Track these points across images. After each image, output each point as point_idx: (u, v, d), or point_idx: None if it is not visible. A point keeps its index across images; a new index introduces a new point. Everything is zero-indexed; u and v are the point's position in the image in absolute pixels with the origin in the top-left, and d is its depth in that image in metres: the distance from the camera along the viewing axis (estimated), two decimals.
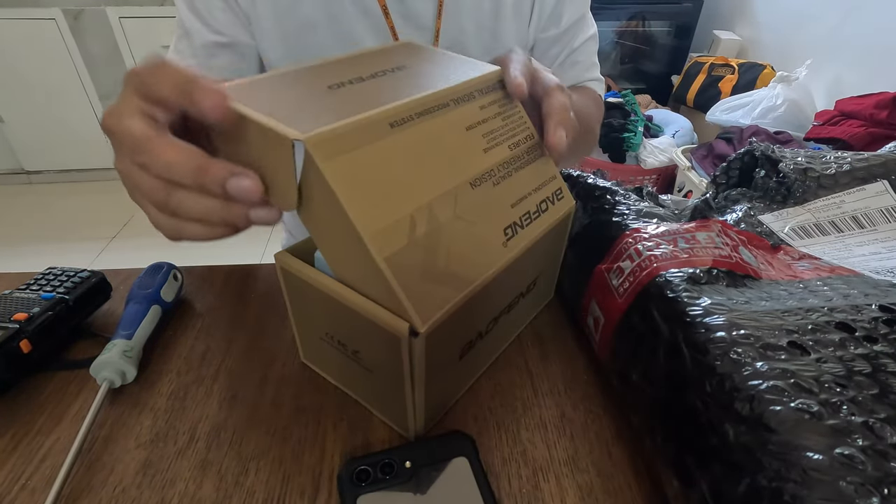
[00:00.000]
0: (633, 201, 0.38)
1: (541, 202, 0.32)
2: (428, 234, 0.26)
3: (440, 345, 0.27)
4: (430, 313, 0.25)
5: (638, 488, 0.30)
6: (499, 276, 0.29)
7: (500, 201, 0.31)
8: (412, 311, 0.24)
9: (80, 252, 1.96)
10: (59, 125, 2.29)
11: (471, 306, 0.28)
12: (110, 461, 0.31)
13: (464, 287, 0.27)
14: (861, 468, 0.20)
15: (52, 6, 2.03)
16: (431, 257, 0.26)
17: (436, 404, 0.32)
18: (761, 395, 0.22)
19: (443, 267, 0.27)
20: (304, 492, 0.30)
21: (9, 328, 0.35)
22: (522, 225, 0.31)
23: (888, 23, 1.50)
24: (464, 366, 0.32)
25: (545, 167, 0.34)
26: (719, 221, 0.35)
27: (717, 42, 2.15)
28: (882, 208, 0.38)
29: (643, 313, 0.30)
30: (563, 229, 0.36)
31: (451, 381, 0.32)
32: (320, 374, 0.37)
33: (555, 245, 0.36)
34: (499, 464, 0.31)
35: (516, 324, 0.38)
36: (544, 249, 0.34)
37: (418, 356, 0.26)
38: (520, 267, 0.31)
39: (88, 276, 0.42)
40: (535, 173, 0.33)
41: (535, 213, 0.32)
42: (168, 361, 0.39)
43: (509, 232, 0.30)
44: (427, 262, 0.26)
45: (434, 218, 0.27)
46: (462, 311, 0.27)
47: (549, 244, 0.35)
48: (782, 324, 0.26)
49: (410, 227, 0.26)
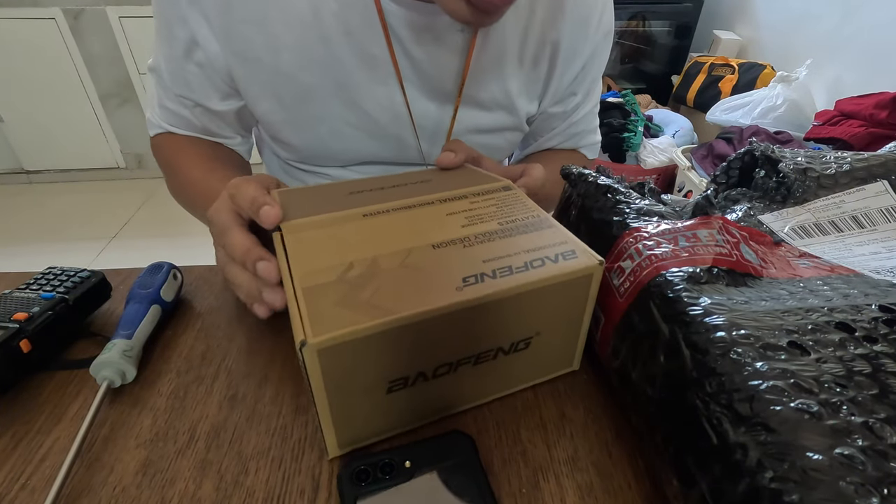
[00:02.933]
0: (635, 199, 0.38)
1: (533, 260, 0.30)
2: (361, 275, 0.28)
3: (349, 368, 0.26)
4: (328, 329, 0.25)
5: (638, 488, 0.30)
6: (445, 316, 0.27)
7: (469, 258, 0.29)
8: (308, 324, 0.25)
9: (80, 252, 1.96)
10: (59, 125, 2.29)
11: (400, 340, 0.27)
12: (110, 461, 0.31)
13: (382, 316, 0.25)
14: (861, 468, 0.20)
15: (52, 6, 2.04)
16: (355, 291, 0.27)
17: (352, 430, 0.30)
18: (761, 395, 0.22)
19: (365, 299, 0.26)
20: (304, 492, 0.30)
21: (9, 328, 0.35)
22: (494, 276, 0.28)
23: (888, 23, 1.50)
24: (400, 403, 0.30)
25: (552, 235, 0.32)
26: (721, 218, 0.35)
27: (717, 42, 2.15)
28: (882, 208, 0.38)
29: (643, 313, 0.30)
30: (575, 290, 0.31)
31: (377, 413, 0.30)
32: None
33: (563, 307, 0.32)
34: (499, 464, 0.31)
35: (500, 383, 0.34)
36: (542, 308, 0.30)
37: (312, 369, 0.25)
38: (489, 317, 0.28)
39: (88, 276, 0.42)
40: (533, 240, 0.31)
41: (519, 268, 0.29)
42: (168, 361, 0.39)
43: (471, 280, 0.28)
44: (348, 295, 0.27)
45: (375, 265, 0.29)
46: (383, 340, 0.26)
47: (552, 304, 0.31)
48: (782, 324, 0.26)
49: (345, 270, 0.28)
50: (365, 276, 0.28)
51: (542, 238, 0.32)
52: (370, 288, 0.27)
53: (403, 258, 0.29)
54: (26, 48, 2.09)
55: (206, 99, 0.52)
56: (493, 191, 0.36)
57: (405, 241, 0.31)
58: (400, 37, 0.49)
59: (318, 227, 0.32)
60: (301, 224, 0.32)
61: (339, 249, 0.30)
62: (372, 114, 0.53)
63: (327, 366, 0.25)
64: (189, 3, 0.46)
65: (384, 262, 0.29)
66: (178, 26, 0.48)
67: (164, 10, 0.48)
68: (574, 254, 0.31)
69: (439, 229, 0.32)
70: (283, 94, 0.51)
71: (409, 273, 0.28)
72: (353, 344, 0.25)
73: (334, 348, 0.25)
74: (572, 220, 0.40)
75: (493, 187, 0.36)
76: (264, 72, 0.49)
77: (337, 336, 0.25)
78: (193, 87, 0.52)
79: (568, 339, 0.34)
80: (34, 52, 2.11)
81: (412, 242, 0.31)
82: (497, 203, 0.34)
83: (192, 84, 0.51)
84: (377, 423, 0.31)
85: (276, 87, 0.50)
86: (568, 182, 0.42)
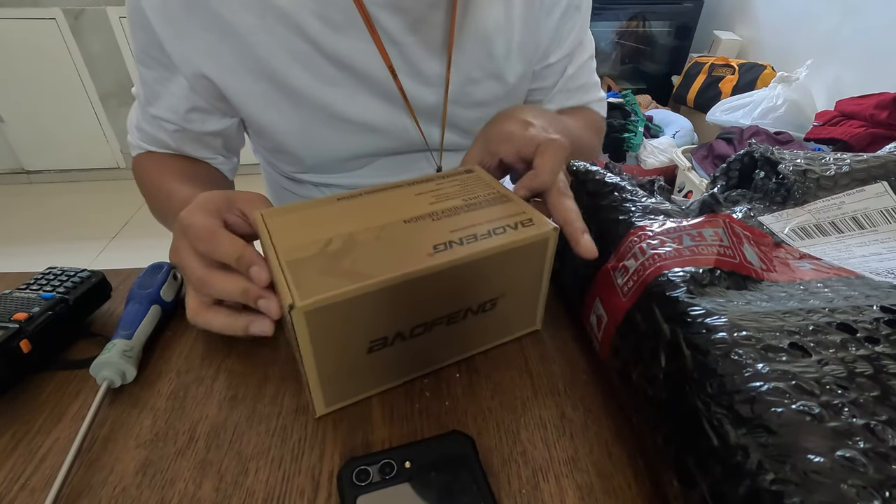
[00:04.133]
0: (641, 197, 0.38)
1: (495, 228, 0.33)
2: (340, 248, 0.31)
3: (333, 329, 0.29)
4: (312, 294, 0.27)
5: (638, 488, 0.30)
6: (419, 280, 0.30)
7: (438, 229, 0.33)
8: (294, 290, 0.28)
9: (80, 252, 1.96)
10: (59, 125, 2.29)
11: (379, 302, 0.29)
12: (110, 461, 0.31)
13: (362, 280, 0.28)
14: (862, 471, 0.20)
15: (52, 6, 2.04)
16: (335, 261, 0.30)
17: (336, 389, 0.33)
18: (762, 397, 0.22)
19: (345, 267, 0.29)
20: (303, 492, 0.30)
21: (9, 328, 0.35)
22: (461, 242, 0.31)
23: (888, 23, 1.50)
24: (380, 361, 0.33)
25: (511, 207, 0.35)
26: (727, 216, 0.35)
27: (718, 42, 2.15)
28: (882, 209, 0.38)
29: (645, 313, 0.30)
30: (533, 254, 0.35)
31: (359, 371, 0.33)
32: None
33: (523, 270, 0.35)
34: (499, 464, 0.31)
35: (471, 341, 0.38)
36: (505, 271, 0.34)
37: (300, 331, 0.28)
38: (458, 280, 0.32)
39: (88, 276, 0.42)
40: (495, 212, 0.35)
41: (483, 235, 0.32)
42: (168, 361, 0.38)
43: (441, 247, 0.31)
44: (330, 265, 0.29)
45: (352, 239, 0.32)
46: (364, 302, 0.29)
47: (514, 267, 0.34)
48: (783, 325, 0.26)
49: (325, 244, 0.31)
50: (343, 249, 0.31)
51: (503, 210, 0.35)
52: (349, 258, 0.30)
53: (378, 232, 0.32)
54: (26, 48, 2.09)
55: (188, 122, 0.53)
56: (457, 174, 0.40)
57: (379, 218, 0.34)
58: (384, 27, 0.49)
59: (297, 211, 0.35)
60: (281, 209, 0.35)
61: (317, 228, 0.32)
62: (369, 107, 0.53)
63: (314, 327, 0.28)
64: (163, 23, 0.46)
65: (360, 237, 0.32)
66: (154, 48, 0.48)
67: (135, 33, 0.48)
68: (532, 222, 0.34)
69: (409, 207, 0.35)
70: (280, 102, 0.51)
71: (384, 244, 0.31)
72: (337, 306, 0.28)
73: (320, 310, 0.28)
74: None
75: (457, 171, 0.40)
76: (258, 81, 0.49)
77: (321, 299, 0.27)
78: (175, 110, 0.52)
79: (530, 300, 0.38)
80: (34, 52, 2.11)
81: (385, 219, 0.34)
82: (461, 184, 0.38)
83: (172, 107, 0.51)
84: (360, 381, 0.34)
85: (273, 96, 0.50)
86: (575, 179, 0.42)
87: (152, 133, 0.54)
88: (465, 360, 0.38)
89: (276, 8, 0.45)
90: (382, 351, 0.32)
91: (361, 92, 0.52)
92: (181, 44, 0.47)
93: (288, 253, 0.30)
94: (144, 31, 0.47)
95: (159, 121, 0.53)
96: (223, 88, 0.50)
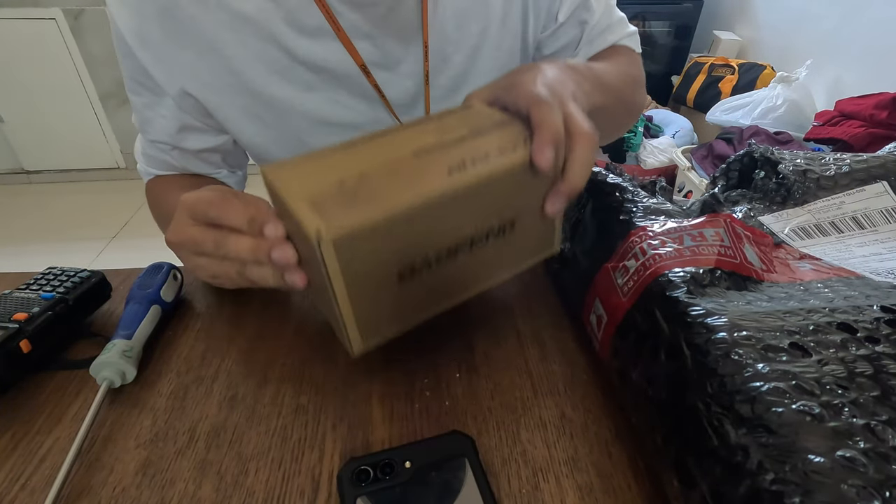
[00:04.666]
0: (642, 198, 0.38)
1: (506, 147, 0.33)
2: (356, 185, 0.30)
3: (363, 259, 0.29)
4: (340, 223, 0.27)
5: (638, 488, 0.30)
6: (441, 201, 0.30)
7: (450, 155, 0.32)
8: (321, 221, 0.27)
9: (80, 252, 1.96)
10: (59, 125, 2.29)
11: (404, 227, 0.29)
12: (110, 461, 0.31)
13: (385, 206, 0.28)
14: (863, 471, 0.20)
15: (52, 6, 2.03)
16: (353, 195, 0.29)
17: (371, 323, 0.32)
18: (762, 397, 0.22)
19: (365, 198, 0.29)
20: (303, 492, 0.30)
21: (9, 328, 0.35)
22: (474, 163, 0.31)
23: (888, 23, 1.50)
24: (411, 291, 0.33)
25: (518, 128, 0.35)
26: (727, 216, 0.35)
27: (718, 42, 2.15)
28: (882, 209, 0.37)
29: (646, 313, 0.30)
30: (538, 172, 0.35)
31: (392, 303, 0.33)
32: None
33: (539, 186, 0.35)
34: (499, 464, 0.31)
35: (496, 267, 0.38)
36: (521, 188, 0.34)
37: (330, 263, 0.28)
38: (477, 198, 0.32)
39: (88, 276, 0.42)
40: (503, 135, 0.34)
41: (496, 155, 0.32)
42: (168, 361, 0.38)
43: (455, 170, 0.31)
44: (349, 199, 0.29)
45: (365, 175, 0.31)
46: (390, 229, 0.29)
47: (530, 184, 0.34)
48: (783, 325, 0.26)
49: (339, 184, 0.30)
50: (359, 185, 0.30)
51: (510, 132, 0.35)
52: (367, 190, 0.30)
53: (390, 166, 0.32)
54: (26, 48, 2.09)
55: (181, 141, 0.53)
56: (457, 110, 0.39)
57: (388, 154, 0.33)
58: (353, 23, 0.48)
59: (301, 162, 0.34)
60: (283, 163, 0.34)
61: (327, 173, 0.32)
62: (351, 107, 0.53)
63: (343, 257, 0.28)
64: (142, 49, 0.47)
65: (373, 172, 0.31)
66: (140, 74, 0.48)
67: (122, 62, 0.49)
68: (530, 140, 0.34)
69: (416, 142, 0.34)
70: (262, 114, 0.51)
71: (399, 175, 0.31)
72: (365, 234, 0.28)
73: (348, 239, 0.27)
74: (581, 218, 0.41)
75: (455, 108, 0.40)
76: (238, 95, 0.49)
77: (347, 227, 0.27)
78: (167, 131, 0.52)
79: (547, 220, 0.38)
80: (34, 52, 2.11)
81: (394, 154, 0.33)
82: (462, 117, 0.38)
83: (164, 128, 0.52)
84: (393, 314, 0.33)
85: (255, 109, 0.51)
86: None
87: (155, 156, 0.55)
88: (465, 360, 0.38)
89: (248, 20, 0.46)
90: (412, 282, 0.32)
91: (341, 94, 0.52)
92: (162, 66, 0.47)
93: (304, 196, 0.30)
94: (128, 59, 0.48)
95: (157, 144, 0.53)
96: (206, 104, 0.50)
